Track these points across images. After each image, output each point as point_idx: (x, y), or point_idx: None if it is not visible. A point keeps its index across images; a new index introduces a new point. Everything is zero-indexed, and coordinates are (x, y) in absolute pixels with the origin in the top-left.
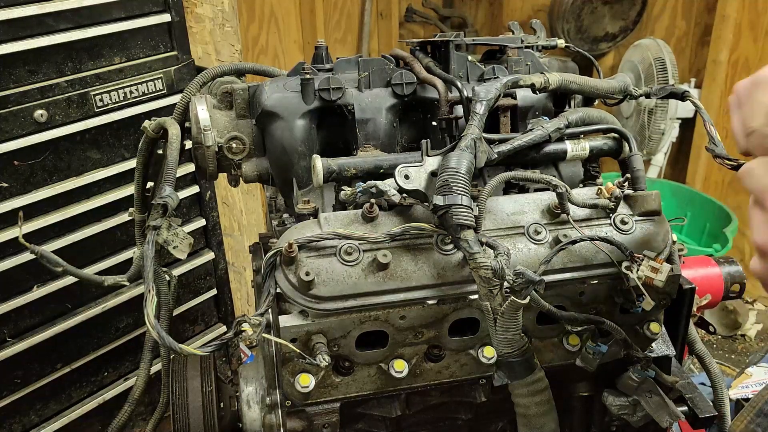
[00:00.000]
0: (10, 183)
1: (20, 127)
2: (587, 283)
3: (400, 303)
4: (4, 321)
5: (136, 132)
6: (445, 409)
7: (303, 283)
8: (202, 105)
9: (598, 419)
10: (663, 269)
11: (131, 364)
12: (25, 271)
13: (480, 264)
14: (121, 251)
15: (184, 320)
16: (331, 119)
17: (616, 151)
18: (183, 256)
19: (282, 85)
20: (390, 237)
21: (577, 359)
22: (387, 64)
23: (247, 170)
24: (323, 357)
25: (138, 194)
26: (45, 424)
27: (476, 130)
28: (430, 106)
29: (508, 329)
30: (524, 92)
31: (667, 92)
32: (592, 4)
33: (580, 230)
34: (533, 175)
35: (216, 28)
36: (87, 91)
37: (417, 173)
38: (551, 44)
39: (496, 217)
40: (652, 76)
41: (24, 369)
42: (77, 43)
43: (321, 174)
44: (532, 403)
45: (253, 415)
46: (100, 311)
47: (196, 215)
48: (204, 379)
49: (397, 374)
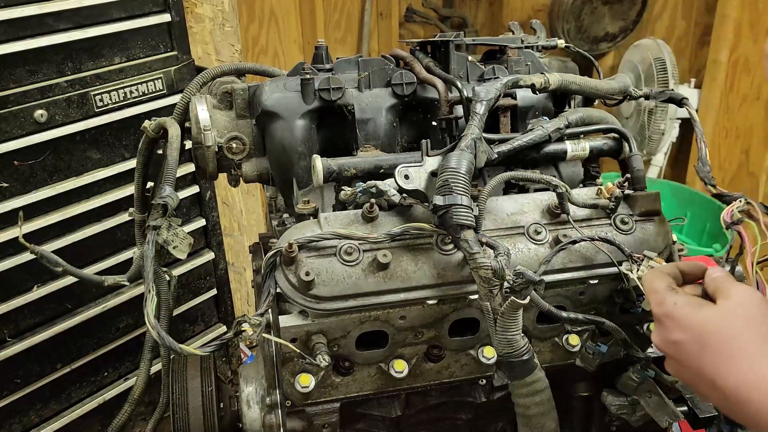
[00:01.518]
0: (10, 183)
1: (20, 127)
2: (587, 283)
3: (400, 303)
4: (4, 321)
5: (136, 132)
6: (445, 409)
7: (303, 283)
8: (202, 105)
9: (598, 419)
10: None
11: (131, 364)
12: (25, 271)
13: (480, 264)
14: (121, 251)
15: (184, 320)
16: (331, 119)
17: (616, 151)
18: (183, 256)
19: (282, 85)
20: (390, 237)
21: (577, 359)
22: (387, 64)
23: (247, 170)
24: (323, 357)
25: (138, 194)
26: (45, 424)
27: (476, 130)
28: (430, 106)
29: (508, 329)
30: (524, 92)
31: (666, 97)
32: (592, 4)
33: (580, 230)
34: (533, 175)
35: (216, 28)
36: (87, 91)
37: (417, 173)
38: (551, 44)
39: (496, 217)
40: (652, 77)
41: (24, 369)
42: (77, 43)
43: (321, 174)
44: (532, 403)
45: (253, 415)
46: (100, 311)
47: (196, 215)
48: (204, 379)
49: (397, 374)
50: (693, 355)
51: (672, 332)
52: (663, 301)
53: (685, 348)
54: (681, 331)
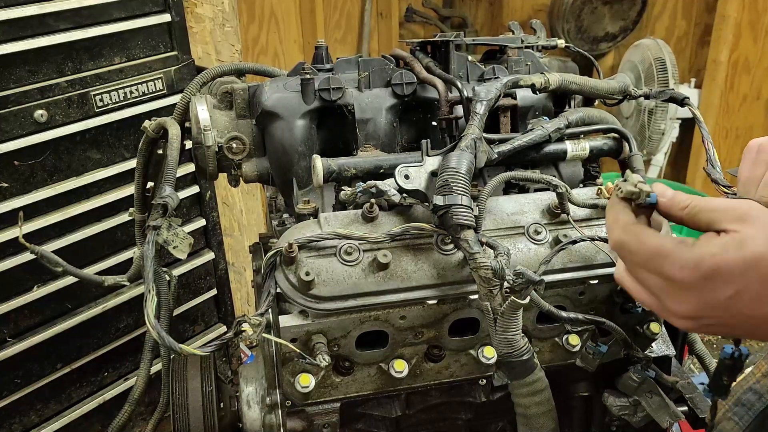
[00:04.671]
0: (10, 183)
1: (20, 127)
2: (587, 283)
3: (400, 303)
4: (4, 321)
5: (136, 132)
6: (445, 409)
7: (303, 283)
8: (202, 105)
9: (598, 419)
10: (631, 178)
11: (131, 364)
12: (25, 271)
13: (480, 264)
14: (121, 251)
15: (184, 320)
16: (331, 119)
17: (616, 151)
18: (183, 256)
19: (282, 85)
20: (390, 237)
21: (577, 359)
22: (387, 64)
23: (247, 170)
24: (323, 357)
25: (138, 194)
26: (45, 424)
27: (476, 130)
28: (430, 106)
29: (508, 329)
30: (524, 92)
31: (667, 96)
32: (592, 4)
33: (580, 230)
34: (533, 175)
35: (216, 28)
36: (87, 91)
37: (417, 173)
38: (551, 44)
39: (496, 217)
40: (652, 76)
41: (24, 369)
42: (77, 43)
43: (321, 174)
44: (531, 403)
45: (253, 415)
46: (100, 311)
47: (196, 215)
48: (204, 379)
49: (397, 374)
50: (754, 301)
51: (719, 290)
52: (695, 261)
53: (742, 299)
54: (732, 284)
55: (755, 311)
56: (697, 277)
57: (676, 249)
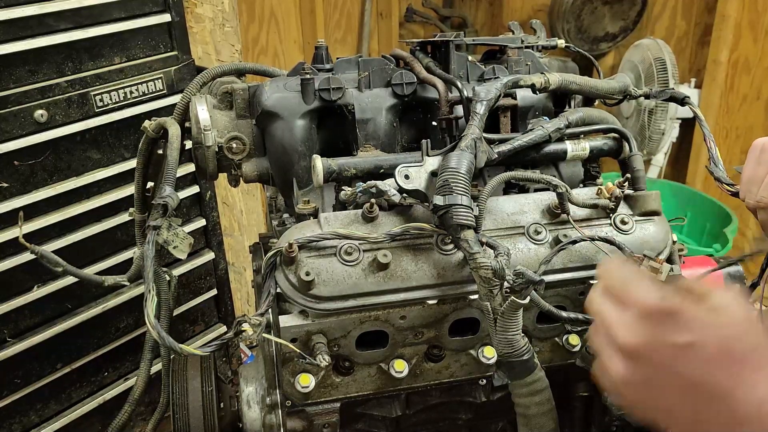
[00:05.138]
0: (10, 183)
1: (20, 127)
2: (587, 283)
3: (400, 303)
4: (4, 321)
5: (136, 132)
6: (445, 409)
7: (303, 283)
8: (202, 105)
9: (598, 419)
10: (663, 269)
11: (131, 364)
12: (25, 271)
13: (480, 264)
14: (121, 251)
15: (184, 320)
16: (331, 119)
17: (616, 151)
18: (183, 256)
19: (282, 85)
20: (390, 237)
21: (577, 359)
22: (387, 64)
23: (247, 170)
24: (323, 357)
25: (138, 194)
26: (45, 424)
27: (476, 130)
28: (430, 106)
29: (508, 329)
30: (524, 92)
31: (667, 96)
32: (592, 4)
33: (580, 230)
34: (533, 175)
35: (216, 28)
36: (87, 91)
37: (417, 173)
38: (551, 44)
39: (496, 217)
40: (653, 76)
41: (24, 369)
42: (77, 43)
43: (321, 174)
44: (532, 403)
45: (253, 415)
46: (100, 311)
47: (196, 215)
48: (204, 379)
49: (397, 374)
50: (704, 362)
51: (675, 333)
52: (663, 296)
53: (694, 353)
54: (691, 333)
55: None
56: (652, 309)
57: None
